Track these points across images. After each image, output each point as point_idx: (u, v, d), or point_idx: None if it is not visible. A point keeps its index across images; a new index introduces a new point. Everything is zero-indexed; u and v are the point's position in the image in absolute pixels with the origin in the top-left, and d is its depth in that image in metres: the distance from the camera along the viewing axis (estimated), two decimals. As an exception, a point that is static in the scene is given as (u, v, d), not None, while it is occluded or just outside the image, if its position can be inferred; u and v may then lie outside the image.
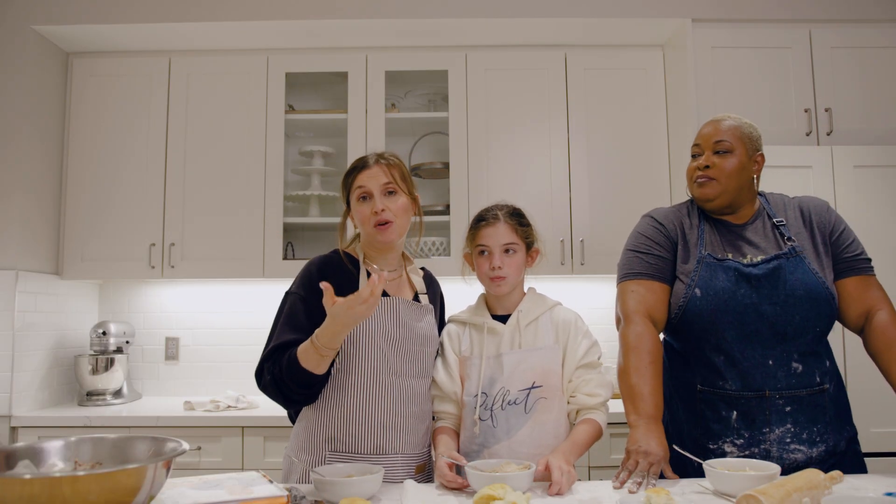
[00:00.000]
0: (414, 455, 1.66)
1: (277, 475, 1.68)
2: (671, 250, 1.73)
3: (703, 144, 1.72)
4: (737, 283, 1.62)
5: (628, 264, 1.75)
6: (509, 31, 2.94)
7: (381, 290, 1.43)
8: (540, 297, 1.77)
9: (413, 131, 3.25)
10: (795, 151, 2.66)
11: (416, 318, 1.70)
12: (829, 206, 1.75)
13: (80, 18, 2.84)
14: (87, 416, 2.63)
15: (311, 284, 1.61)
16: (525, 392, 1.63)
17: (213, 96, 3.03)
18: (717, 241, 1.71)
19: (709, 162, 1.69)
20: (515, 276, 1.71)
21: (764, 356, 1.60)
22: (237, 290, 3.25)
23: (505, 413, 1.63)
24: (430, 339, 1.72)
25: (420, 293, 1.77)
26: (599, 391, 1.66)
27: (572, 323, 1.72)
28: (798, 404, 1.59)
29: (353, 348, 1.61)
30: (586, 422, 1.64)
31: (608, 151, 2.99)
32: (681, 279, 1.69)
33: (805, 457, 1.59)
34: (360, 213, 1.67)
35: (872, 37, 2.85)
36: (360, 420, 1.60)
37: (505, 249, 1.69)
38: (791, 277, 1.61)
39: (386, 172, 1.67)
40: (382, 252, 1.72)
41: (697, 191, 1.72)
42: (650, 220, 1.79)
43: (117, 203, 2.98)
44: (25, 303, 2.75)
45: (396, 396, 1.63)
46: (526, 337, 1.68)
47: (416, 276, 1.81)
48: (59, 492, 0.98)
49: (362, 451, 1.60)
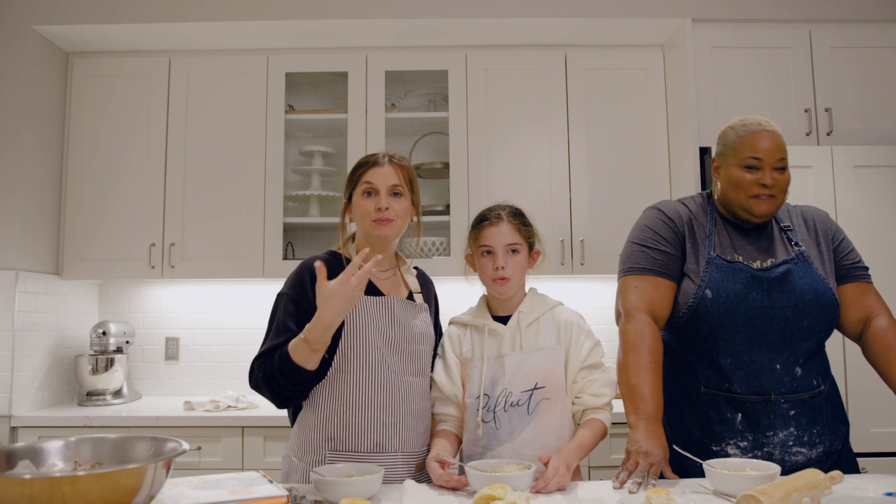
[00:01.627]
0: (414, 453, 1.67)
1: (277, 475, 1.68)
2: (679, 246, 1.69)
3: (767, 160, 1.63)
4: (748, 287, 1.61)
5: (633, 258, 1.71)
6: (509, 31, 2.94)
7: (371, 265, 1.45)
8: (541, 298, 1.76)
9: (413, 131, 3.25)
10: (795, 151, 2.65)
11: (411, 315, 1.70)
12: (829, 216, 1.77)
13: (80, 18, 2.84)
14: (87, 416, 2.64)
15: (302, 287, 1.62)
16: (528, 393, 1.63)
17: (213, 96, 3.03)
18: (728, 242, 1.69)
19: (772, 179, 1.63)
20: (519, 278, 1.71)
21: (772, 360, 1.60)
22: (237, 290, 3.25)
23: (508, 415, 1.63)
24: (425, 337, 1.72)
25: (414, 292, 1.78)
26: (605, 391, 1.67)
27: (574, 323, 1.71)
28: (801, 407, 1.59)
29: (350, 347, 1.61)
30: (592, 422, 1.64)
31: (608, 151, 2.99)
32: (690, 278, 1.66)
33: (805, 458, 1.59)
34: (363, 208, 1.67)
35: (872, 37, 2.85)
36: (360, 419, 1.60)
37: (509, 250, 1.69)
38: (801, 282, 1.61)
39: (397, 174, 1.68)
40: (378, 250, 1.72)
41: (757, 207, 1.64)
42: (658, 213, 1.74)
43: (117, 203, 2.98)
44: (25, 303, 2.75)
45: (395, 395, 1.63)
46: (527, 338, 1.68)
47: (410, 275, 1.81)
48: (59, 492, 0.98)
49: (363, 450, 1.60)
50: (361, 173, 1.69)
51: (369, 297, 1.66)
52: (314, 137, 3.33)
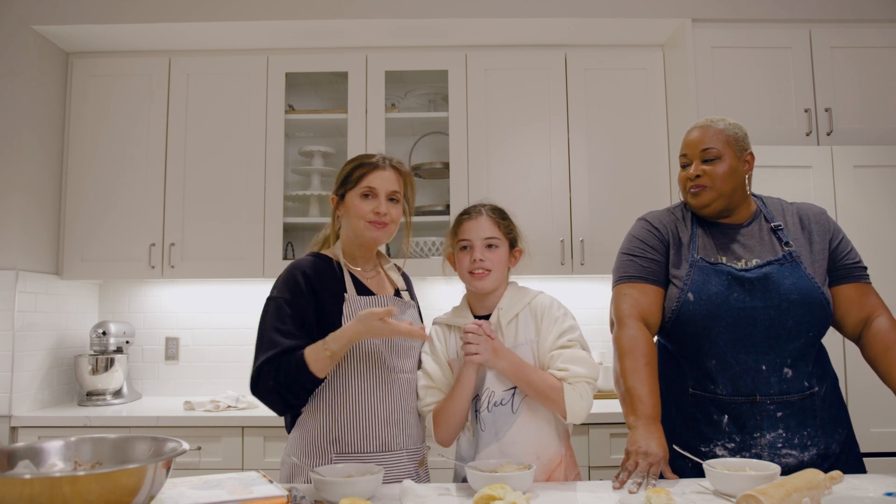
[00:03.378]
0: (415, 450, 1.67)
1: (277, 475, 1.68)
2: (664, 253, 1.72)
3: (690, 154, 1.71)
4: (730, 288, 1.61)
5: (622, 267, 1.75)
6: (509, 31, 2.94)
7: (422, 340, 1.60)
8: (520, 291, 1.72)
9: (413, 131, 3.25)
10: (795, 151, 2.66)
11: (401, 313, 1.71)
12: (827, 213, 1.75)
13: (80, 18, 2.84)
14: (87, 416, 2.64)
15: (296, 287, 1.62)
16: (510, 392, 1.61)
17: (214, 96, 3.03)
18: (711, 244, 1.70)
19: (699, 171, 1.68)
20: (498, 273, 1.67)
21: (757, 361, 1.60)
22: (237, 290, 3.25)
23: (492, 415, 1.61)
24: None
25: (401, 290, 1.79)
26: (568, 365, 1.57)
27: (546, 308, 1.66)
28: (789, 409, 1.59)
29: (350, 349, 1.61)
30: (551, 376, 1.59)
31: (608, 151, 2.99)
32: (674, 283, 1.68)
33: (796, 461, 1.58)
34: (359, 209, 1.67)
35: (872, 37, 2.85)
36: (365, 419, 1.61)
37: (487, 244, 1.66)
38: (786, 282, 1.61)
39: (398, 180, 1.70)
40: (365, 250, 1.73)
41: (692, 200, 1.71)
42: (644, 222, 1.78)
43: (117, 203, 2.98)
44: (25, 303, 2.75)
45: (396, 392, 1.64)
46: (507, 335, 1.65)
47: (394, 272, 1.83)
48: (59, 492, 0.98)
49: (368, 451, 1.60)
50: (361, 175, 1.69)
51: (361, 297, 1.67)
52: (314, 137, 3.33)
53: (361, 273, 1.73)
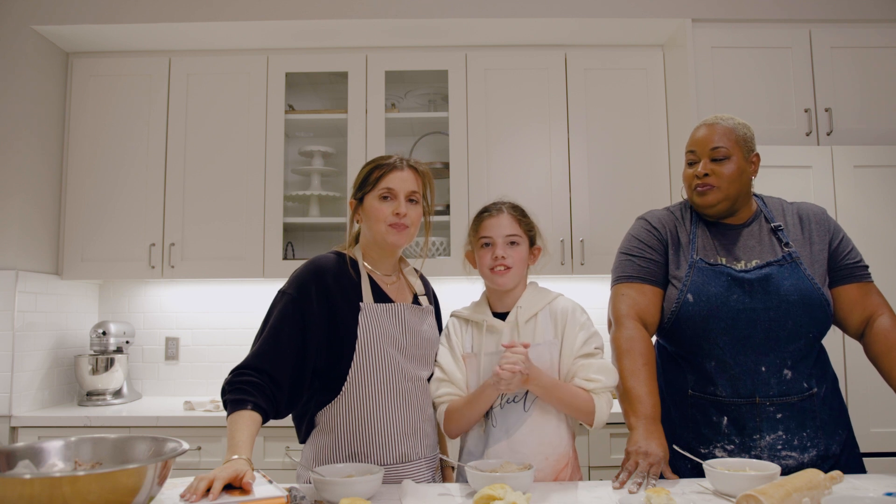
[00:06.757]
0: (432, 458, 1.66)
1: (277, 475, 1.68)
2: (663, 253, 1.71)
3: (699, 151, 1.69)
4: (729, 289, 1.61)
5: (620, 267, 1.74)
6: (509, 31, 2.94)
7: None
8: (540, 292, 1.72)
9: (413, 131, 3.25)
10: (795, 151, 2.66)
11: (419, 321, 1.69)
12: (828, 213, 1.74)
13: (80, 18, 2.84)
14: (87, 416, 2.63)
15: (306, 289, 1.58)
16: (523, 390, 1.62)
17: (213, 96, 3.03)
18: (711, 244, 1.69)
19: (707, 170, 1.66)
20: (518, 270, 1.67)
21: (756, 363, 1.59)
22: (237, 290, 3.25)
23: (504, 412, 1.62)
24: (434, 342, 1.71)
25: (419, 294, 1.76)
26: (598, 377, 1.58)
27: (569, 313, 1.67)
28: (789, 410, 1.59)
29: (366, 360, 1.58)
30: (580, 390, 1.59)
31: (608, 151, 2.99)
32: (673, 284, 1.68)
33: (796, 462, 1.58)
34: (379, 211, 1.63)
35: (872, 37, 2.85)
36: (383, 432, 1.58)
37: (509, 241, 1.67)
38: (785, 283, 1.60)
39: (416, 180, 1.68)
40: (386, 254, 1.70)
41: (698, 199, 1.69)
42: (643, 222, 1.77)
43: (117, 203, 2.98)
44: (25, 303, 2.75)
45: (413, 402, 1.62)
46: (525, 333, 1.65)
47: (413, 276, 1.79)
48: (59, 492, 0.98)
49: (388, 462, 1.57)
50: (379, 176, 1.65)
51: (379, 304, 1.63)
52: (314, 137, 3.33)
53: (381, 278, 1.69)
